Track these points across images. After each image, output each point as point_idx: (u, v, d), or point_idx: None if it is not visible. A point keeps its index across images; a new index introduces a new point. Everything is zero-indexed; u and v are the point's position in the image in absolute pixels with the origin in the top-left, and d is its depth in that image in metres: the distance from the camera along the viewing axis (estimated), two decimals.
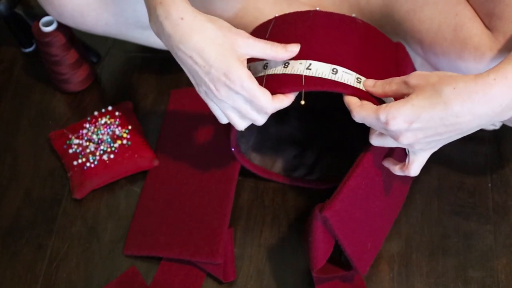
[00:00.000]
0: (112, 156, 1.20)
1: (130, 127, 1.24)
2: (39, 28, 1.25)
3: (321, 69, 0.90)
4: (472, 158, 1.19)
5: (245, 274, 1.10)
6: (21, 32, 1.38)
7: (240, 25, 1.10)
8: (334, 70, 0.90)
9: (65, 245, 1.15)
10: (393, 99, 0.88)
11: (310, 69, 0.90)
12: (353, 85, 0.90)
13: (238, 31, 0.88)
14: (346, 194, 0.95)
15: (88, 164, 1.20)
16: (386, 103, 0.84)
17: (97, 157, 1.20)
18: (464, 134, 0.84)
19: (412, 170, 0.91)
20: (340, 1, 1.10)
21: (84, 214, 1.18)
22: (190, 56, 0.87)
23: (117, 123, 1.25)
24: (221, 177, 1.17)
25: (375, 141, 0.91)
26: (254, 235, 1.14)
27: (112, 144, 1.21)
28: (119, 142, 1.22)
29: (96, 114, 1.27)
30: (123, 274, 1.11)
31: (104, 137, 1.22)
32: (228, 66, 0.86)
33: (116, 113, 1.27)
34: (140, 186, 1.20)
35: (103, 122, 1.25)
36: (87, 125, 1.25)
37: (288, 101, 0.91)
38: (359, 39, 0.95)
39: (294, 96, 0.91)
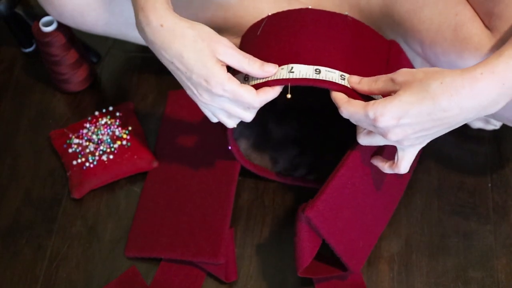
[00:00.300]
0: (111, 156, 1.20)
1: (130, 128, 1.24)
2: (39, 28, 1.25)
3: (304, 71, 0.90)
4: (472, 158, 1.19)
5: (245, 274, 1.10)
6: (21, 32, 1.38)
7: (240, 25, 1.10)
8: (317, 70, 0.90)
9: (65, 245, 1.15)
10: (381, 96, 0.88)
11: (293, 72, 0.90)
12: (337, 82, 0.90)
13: (219, 38, 0.88)
14: (329, 194, 0.95)
15: (87, 164, 1.19)
16: (374, 100, 0.84)
17: (97, 157, 1.20)
18: (452, 128, 0.84)
19: (402, 167, 0.91)
20: (340, 2, 1.10)
21: (84, 214, 1.18)
22: (171, 62, 0.89)
23: (117, 123, 1.25)
24: (221, 177, 1.17)
25: (363, 140, 0.91)
26: (254, 235, 1.14)
27: (111, 145, 1.21)
28: (118, 142, 1.22)
29: (96, 114, 1.27)
30: (123, 274, 1.11)
31: (104, 138, 1.22)
32: (208, 72, 0.86)
33: (117, 114, 1.27)
34: (140, 186, 1.20)
35: (103, 122, 1.25)
36: (88, 125, 1.25)
37: (274, 93, 0.91)
38: (349, 36, 0.95)
39: (280, 88, 0.91)
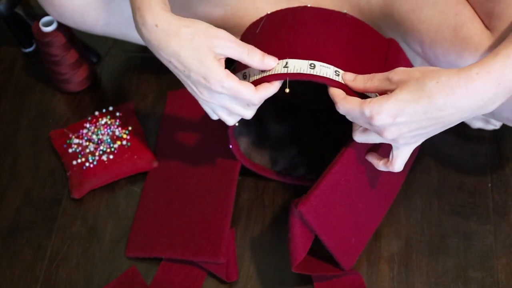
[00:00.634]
0: (111, 156, 1.20)
1: (130, 128, 1.24)
2: (39, 28, 1.25)
3: (298, 66, 0.90)
4: (472, 158, 1.19)
5: (245, 274, 1.10)
6: (21, 32, 1.38)
7: (240, 25, 1.10)
8: (312, 65, 0.90)
9: (65, 245, 1.15)
10: (376, 94, 0.88)
11: (288, 67, 0.91)
12: (332, 78, 0.90)
13: (215, 32, 0.88)
14: (323, 190, 0.95)
15: (87, 164, 1.19)
16: (371, 98, 0.84)
17: (97, 157, 1.20)
18: (447, 127, 0.84)
19: (396, 165, 0.91)
20: (340, 1, 1.10)
21: (84, 214, 1.18)
22: (169, 61, 0.89)
23: (117, 123, 1.25)
24: (222, 177, 1.17)
25: (358, 137, 0.92)
26: (254, 235, 1.14)
27: (111, 145, 1.21)
28: (118, 142, 1.22)
29: (96, 114, 1.27)
30: (123, 274, 1.11)
31: (104, 138, 1.22)
32: (206, 69, 0.87)
33: (117, 114, 1.27)
34: (140, 186, 1.20)
35: (103, 122, 1.25)
36: (88, 125, 1.25)
37: (273, 89, 0.91)
38: (347, 34, 0.96)
39: (279, 84, 0.92)
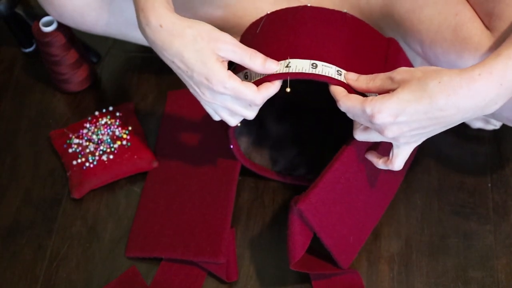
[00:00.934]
0: (111, 156, 1.20)
1: (130, 128, 1.24)
2: (39, 28, 1.25)
3: (300, 65, 0.91)
4: (472, 158, 1.19)
5: (245, 274, 1.10)
6: (21, 32, 1.38)
7: (240, 25, 1.10)
8: (314, 65, 0.91)
9: (65, 245, 1.15)
10: (377, 94, 0.88)
11: (290, 67, 0.91)
12: (334, 77, 0.90)
13: (219, 34, 0.88)
14: (322, 188, 0.96)
15: (87, 164, 1.19)
16: (372, 96, 0.84)
17: (97, 157, 1.20)
18: (448, 127, 0.85)
19: (396, 164, 0.91)
20: (340, 1, 1.10)
21: (84, 214, 1.18)
22: (173, 62, 0.90)
23: (117, 123, 1.25)
24: (222, 177, 1.17)
25: (359, 135, 0.92)
26: (254, 235, 1.14)
27: (111, 145, 1.21)
28: (118, 142, 1.22)
29: (97, 114, 1.27)
30: (123, 274, 1.11)
31: (104, 138, 1.22)
32: (208, 70, 0.87)
33: (117, 114, 1.27)
34: (140, 186, 1.20)
35: (103, 122, 1.25)
36: (88, 125, 1.25)
37: (275, 88, 0.91)
38: (348, 33, 0.96)
39: (280, 83, 0.92)
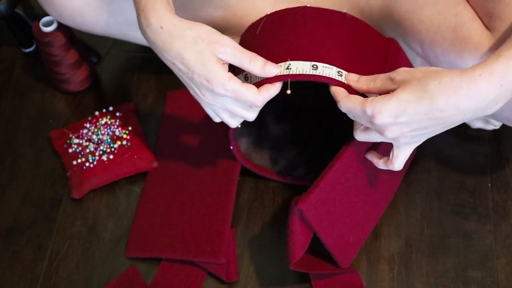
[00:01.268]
0: (111, 156, 1.20)
1: (130, 128, 1.24)
2: (39, 28, 1.25)
3: (300, 67, 0.91)
4: (472, 158, 1.19)
5: (245, 274, 1.10)
6: (21, 32, 1.38)
7: (240, 25, 1.10)
8: (314, 66, 0.91)
9: (65, 245, 1.15)
10: (377, 94, 0.88)
11: (290, 69, 0.91)
12: (334, 78, 0.90)
13: (218, 37, 0.88)
14: (323, 188, 0.96)
15: (87, 164, 1.19)
16: (372, 97, 0.84)
17: (97, 157, 1.20)
18: (448, 127, 0.85)
19: (396, 164, 0.91)
20: (340, 2, 1.10)
21: (84, 214, 1.18)
22: (173, 63, 0.90)
23: (117, 123, 1.25)
24: (222, 177, 1.17)
25: (360, 136, 0.92)
26: (254, 235, 1.14)
27: (111, 145, 1.21)
28: (118, 142, 1.22)
29: (97, 114, 1.27)
30: (123, 274, 1.11)
31: (104, 138, 1.22)
32: (209, 72, 0.87)
33: (117, 114, 1.27)
34: (140, 186, 1.20)
35: (103, 122, 1.25)
36: (88, 125, 1.25)
37: (275, 89, 0.91)
38: (347, 33, 0.96)
39: (281, 84, 0.92)
